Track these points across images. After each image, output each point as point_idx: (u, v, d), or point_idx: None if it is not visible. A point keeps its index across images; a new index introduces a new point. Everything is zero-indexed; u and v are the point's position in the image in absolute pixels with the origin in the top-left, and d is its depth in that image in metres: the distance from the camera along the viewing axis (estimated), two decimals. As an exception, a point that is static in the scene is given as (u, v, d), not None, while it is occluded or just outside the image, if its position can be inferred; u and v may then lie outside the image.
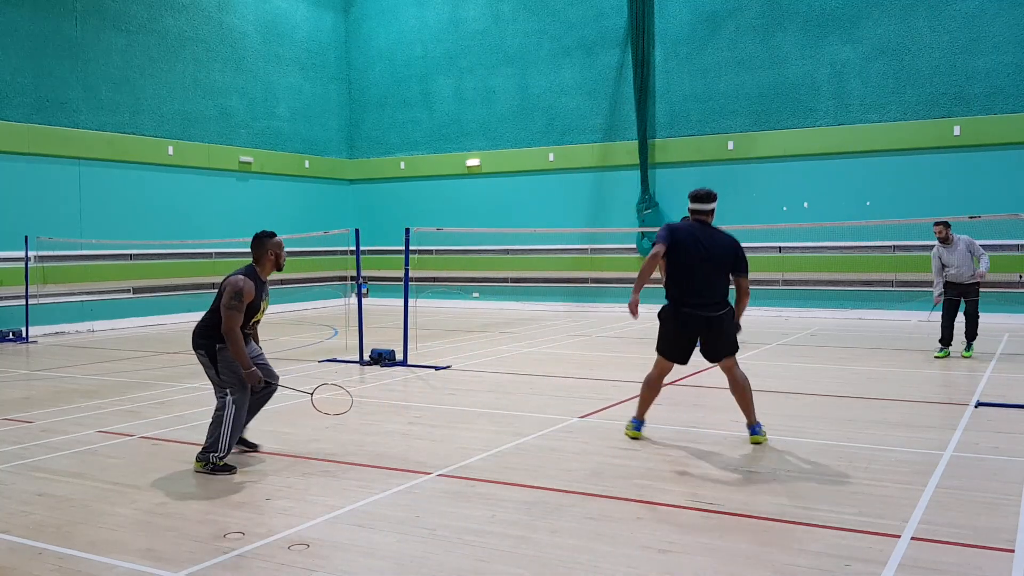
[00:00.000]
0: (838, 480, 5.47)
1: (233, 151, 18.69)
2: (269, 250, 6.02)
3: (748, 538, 4.43)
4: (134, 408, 8.15)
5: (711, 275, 6.19)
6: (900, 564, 4.03)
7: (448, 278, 20.31)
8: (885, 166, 16.16)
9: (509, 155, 19.86)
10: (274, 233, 6.12)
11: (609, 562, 4.13)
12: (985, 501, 4.99)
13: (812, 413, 7.69)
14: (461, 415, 7.68)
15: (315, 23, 20.90)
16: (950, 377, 9.55)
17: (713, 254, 6.18)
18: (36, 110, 15.17)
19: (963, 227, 15.03)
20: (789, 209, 16.85)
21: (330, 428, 7.19)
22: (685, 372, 10.00)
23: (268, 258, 6.03)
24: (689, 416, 7.58)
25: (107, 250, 16.23)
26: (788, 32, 16.93)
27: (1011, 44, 15.18)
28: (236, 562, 4.19)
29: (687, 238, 6.20)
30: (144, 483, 5.60)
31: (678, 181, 17.97)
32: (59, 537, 4.58)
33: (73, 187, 15.71)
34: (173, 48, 17.57)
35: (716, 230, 6.33)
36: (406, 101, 21.14)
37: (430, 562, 4.17)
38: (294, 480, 5.61)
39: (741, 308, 6.36)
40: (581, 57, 18.98)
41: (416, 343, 11.69)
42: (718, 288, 6.24)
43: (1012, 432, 6.72)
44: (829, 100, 16.64)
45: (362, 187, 21.95)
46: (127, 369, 10.86)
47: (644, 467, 5.84)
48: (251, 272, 5.95)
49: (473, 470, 5.80)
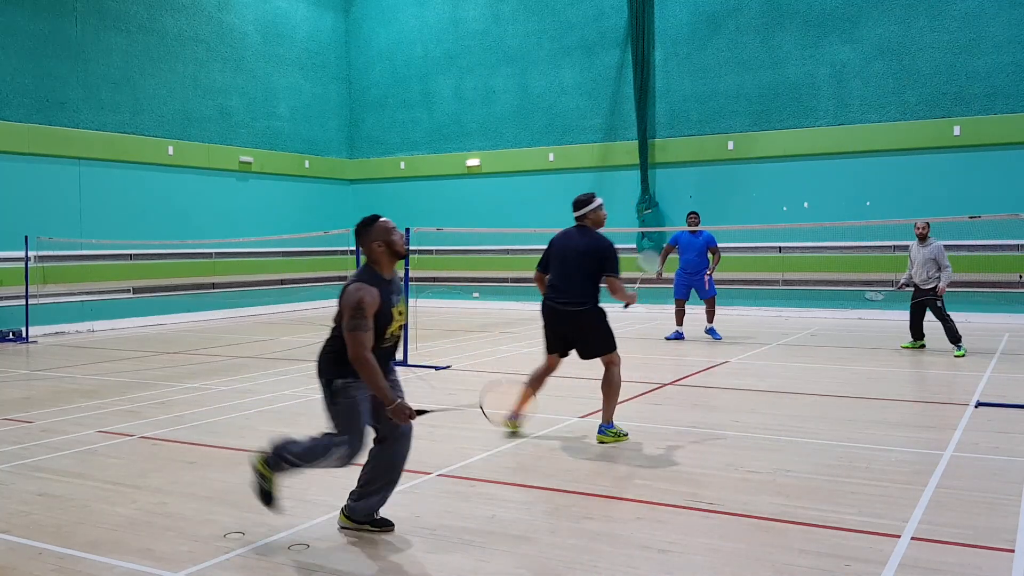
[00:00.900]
0: (838, 480, 5.47)
1: (233, 151, 18.69)
2: (376, 239, 4.60)
3: (748, 538, 4.43)
4: (134, 408, 8.15)
5: (573, 274, 6.61)
6: (900, 564, 4.03)
7: (448, 278, 20.31)
8: (885, 166, 16.15)
9: (509, 155, 19.86)
10: (377, 216, 4.74)
11: (609, 562, 4.13)
12: (985, 501, 4.99)
13: (812, 413, 7.69)
14: (461, 415, 7.68)
15: (315, 23, 20.90)
16: (950, 377, 9.55)
17: (578, 253, 6.61)
18: (36, 110, 15.17)
19: (963, 227, 15.11)
20: (789, 209, 16.85)
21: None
22: (685, 372, 10.01)
23: (378, 249, 4.60)
24: (689, 416, 7.58)
25: (107, 250, 16.22)
26: (788, 32, 16.92)
27: (1011, 44, 15.17)
28: (236, 562, 4.19)
29: (559, 240, 6.80)
30: (144, 483, 5.60)
31: (678, 181, 17.98)
32: (59, 537, 4.58)
33: (73, 187, 15.71)
34: (173, 48, 17.57)
35: (590, 233, 6.71)
36: (406, 101, 21.14)
37: (430, 562, 4.17)
38: (294, 480, 5.60)
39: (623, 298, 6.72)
40: (581, 57, 18.98)
41: (416, 343, 11.69)
42: (577, 285, 6.59)
43: (1012, 432, 6.72)
44: (829, 100, 16.64)
45: (362, 187, 21.94)
46: (127, 369, 10.85)
47: (644, 467, 5.84)
48: (368, 273, 4.56)
49: (473, 470, 5.80)
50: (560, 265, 6.67)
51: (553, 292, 6.67)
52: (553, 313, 6.68)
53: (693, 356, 11.38)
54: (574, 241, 6.70)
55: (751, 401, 8.25)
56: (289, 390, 9.02)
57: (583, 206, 6.78)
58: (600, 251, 6.61)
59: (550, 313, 6.71)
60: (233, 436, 6.93)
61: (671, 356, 11.50)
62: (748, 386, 9.05)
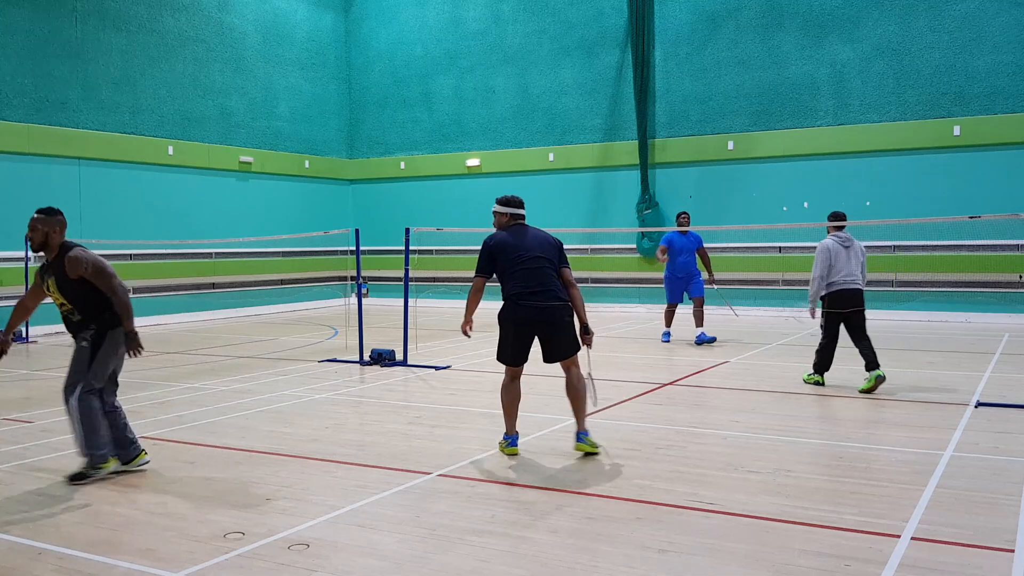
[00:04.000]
0: (838, 480, 5.47)
1: (233, 151, 18.69)
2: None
3: (748, 538, 4.43)
4: (134, 408, 8.14)
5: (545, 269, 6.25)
6: (900, 564, 4.03)
7: (448, 278, 20.30)
8: (885, 166, 16.16)
9: (509, 155, 19.86)
10: (52, 209, 6.15)
11: (609, 562, 4.13)
12: (985, 501, 4.99)
13: (812, 413, 7.69)
14: (461, 415, 7.68)
15: (315, 23, 20.90)
16: (950, 377, 9.55)
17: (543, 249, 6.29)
18: (36, 110, 15.17)
19: (963, 227, 15.12)
20: (789, 209, 16.85)
21: (330, 428, 7.20)
22: (685, 372, 10.01)
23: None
24: (689, 416, 7.58)
25: (107, 250, 16.20)
26: (788, 32, 16.92)
27: (1011, 44, 15.17)
28: (236, 562, 4.19)
29: (509, 241, 6.32)
30: (144, 483, 5.60)
31: (678, 181, 17.98)
32: (59, 537, 4.58)
33: (73, 187, 15.70)
34: (173, 48, 17.56)
35: (532, 229, 6.45)
36: (406, 101, 21.14)
37: (430, 562, 4.17)
38: (294, 480, 5.61)
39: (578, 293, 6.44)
40: (581, 57, 18.98)
41: (416, 343, 11.69)
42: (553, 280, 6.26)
43: (1012, 432, 6.72)
44: (829, 100, 16.64)
45: (362, 187, 21.95)
46: (127, 369, 10.81)
47: (644, 467, 5.84)
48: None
49: (473, 470, 5.80)
50: (528, 264, 6.16)
51: (528, 294, 6.11)
52: (535, 315, 6.11)
53: (693, 356, 11.38)
54: (529, 239, 6.30)
55: (751, 401, 8.25)
56: (289, 390, 9.02)
57: (522, 205, 6.51)
58: (558, 243, 6.40)
59: (529, 316, 6.11)
60: (233, 436, 6.93)
61: (671, 356, 11.50)
62: (748, 386, 9.05)
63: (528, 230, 6.40)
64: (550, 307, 6.12)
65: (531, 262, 6.17)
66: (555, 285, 6.21)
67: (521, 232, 6.38)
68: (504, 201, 6.48)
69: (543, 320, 6.12)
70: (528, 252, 6.21)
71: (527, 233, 6.37)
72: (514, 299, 6.15)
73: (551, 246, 6.33)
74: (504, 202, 6.48)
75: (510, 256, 6.21)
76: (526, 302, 6.11)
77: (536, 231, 6.42)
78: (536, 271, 6.16)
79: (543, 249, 6.27)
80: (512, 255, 6.22)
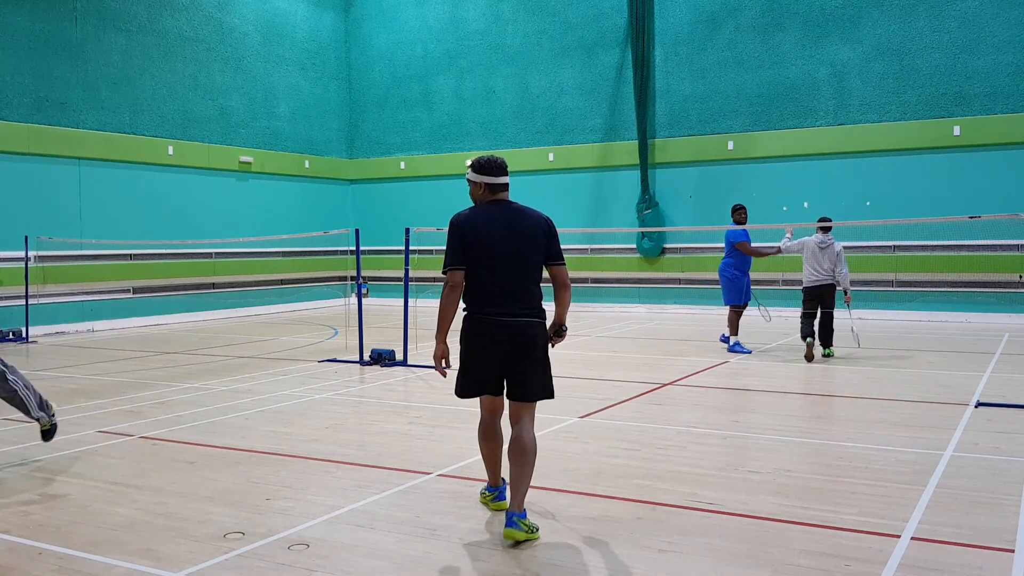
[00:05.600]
0: (838, 480, 5.47)
1: (233, 151, 18.69)
2: None
3: (748, 538, 4.43)
4: (134, 408, 8.15)
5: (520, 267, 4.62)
6: (900, 564, 4.03)
7: (448, 278, 20.29)
8: (885, 166, 16.16)
9: (509, 155, 19.84)
10: None
11: (609, 562, 4.13)
12: (985, 501, 4.99)
13: (812, 413, 7.69)
14: (461, 415, 7.67)
15: (315, 23, 20.90)
16: (950, 377, 9.55)
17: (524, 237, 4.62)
18: (36, 110, 15.17)
19: (963, 227, 15.13)
20: (789, 209, 16.85)
21: (330, 428, 7.19)
22: (685, 372, 10.01)
23: None
24: (689, 416, 7.58)
25: (107, 250, 16.22)
26: (788, 32, 16.92)
27: (1011, 44, 15.17)
28: (236, 562, 4.19)
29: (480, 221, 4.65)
30: (144, 483, 5.59)
31: (678, 181, 17.98)
32: (59, 537, 4.58)
33: (73, 187, 15.71)
34: (173, 48, 17.56)
35: (519, 207, 4.78)
36: (406, 101, 21.14)
37: (430, 562, 4.17)
38: (294, 480, 5.61)
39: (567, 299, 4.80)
40: (581, 57, 18.98)
41: (416, 343, 11.69)
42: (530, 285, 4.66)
43: (1012, 432, 6.72)
44: (829, 100, 16.64)
45: (362, 187, 21.95)
46: (127, 369, 10.85)
47: (644, 467, 5.84)
48: None
49: (473, 470, 5.80)
50: (500, 258, 4.51)
51: (491, 301, 4.52)
52: (497, 332, 4.50)
53: (693, 356, 11.38)
54: (507, 222, 4.57)
55: (751, 401, 8.25)
56: (289, 390, 9.02)
57: (505, 171, 4.74)
58: (548, 228, 4.67)
59: (490, 332, 4.52)
60: (233, 436, 6.93)
61: (671, 356, 11.50)
62: (748, 386, 9.05)
63: (510, 208, 4.65)
64: (516, 324, 4.52)
65: (503, 256, 4.51)
66: (531, 291, 4.58)
67: (498, 211, 4.61)
68: (478, 166, 4.68)
69: (508, 341, 4.50)
70: (500, 241, 4.52)
71: (508, 212, 4.62)
72: (474, 307, 4.61)
73: (536, 233, 4.59)
74: (478, 167, 4.68)
75: (475, 243, 4.51)
76: (485, 313, 4.53)
77: (521, 209, 4.67)
78: (507, 269, 4.52)
79: (523, 238, 4.55)
80: (478, 242, 4.51)
